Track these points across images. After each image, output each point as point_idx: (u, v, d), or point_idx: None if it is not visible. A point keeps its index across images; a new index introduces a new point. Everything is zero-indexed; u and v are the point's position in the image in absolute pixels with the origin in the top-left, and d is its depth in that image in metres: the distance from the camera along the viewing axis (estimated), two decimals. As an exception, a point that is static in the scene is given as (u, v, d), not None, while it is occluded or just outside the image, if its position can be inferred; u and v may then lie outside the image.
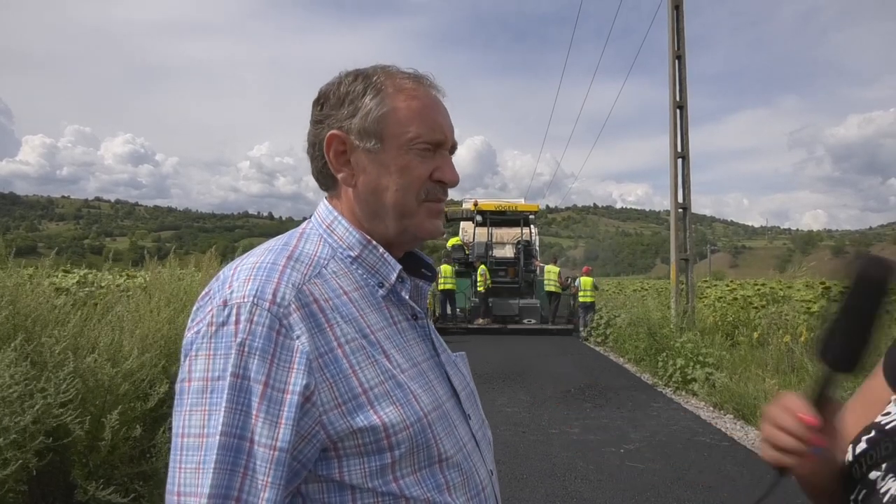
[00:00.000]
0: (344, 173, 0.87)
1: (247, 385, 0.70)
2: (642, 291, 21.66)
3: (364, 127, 0.84)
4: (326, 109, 0.87)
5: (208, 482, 0.68)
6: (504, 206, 18.56)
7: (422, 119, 0.85)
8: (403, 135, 0.84)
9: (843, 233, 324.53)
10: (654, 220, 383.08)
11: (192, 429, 0.70)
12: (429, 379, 0.85)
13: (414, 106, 0.85)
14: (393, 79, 0.86)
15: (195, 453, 0.69)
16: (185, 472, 0.69)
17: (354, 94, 0.86)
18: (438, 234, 0.91)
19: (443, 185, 0.88)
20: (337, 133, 0.85)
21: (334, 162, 0.86)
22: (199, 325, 0.75)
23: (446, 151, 0.89)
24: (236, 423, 0.70)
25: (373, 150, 0.84)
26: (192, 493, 0.68)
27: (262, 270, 0.77)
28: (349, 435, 0.74)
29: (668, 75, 10.74)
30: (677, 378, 8.27)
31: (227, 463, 0.69)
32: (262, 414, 0.70)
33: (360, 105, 0.85)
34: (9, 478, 2.49)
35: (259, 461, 0.69)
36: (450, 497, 0.80)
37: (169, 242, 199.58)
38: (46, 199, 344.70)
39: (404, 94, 0.85)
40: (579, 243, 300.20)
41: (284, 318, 0.73)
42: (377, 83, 0.86)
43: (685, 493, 4.24)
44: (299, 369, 0.72)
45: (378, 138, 0.84)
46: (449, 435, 0.83)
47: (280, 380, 0.71)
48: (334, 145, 0.86)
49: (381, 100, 0.84)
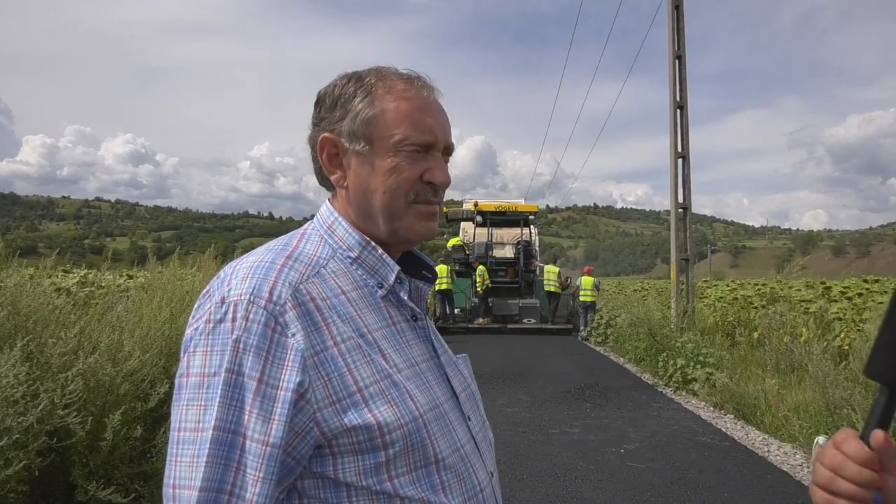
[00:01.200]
0: (336, 175, 0.88)
1: (241, 381, 0.72)
2: (642, 291, 21.68)
3: (353, 129, 0.85)
4: (322, 112, 0.89)
5: (202, 476, 0.69)
6: (504, 206, 18.60)
7: (410, 121, 0.85)
8: (391, 137, 0.84)
9: (844, 233, 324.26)
10: (654, 220, 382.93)
11: (188, 423, 0.72)
12: (426, 379, 0.85)
13: (403, 107, 0.85)
14: (384, 80, 0.87)
15: (190, 447, 0.71)
16: (180, 465, 0.71)
17: (346, 96, 0.87)
18: (431, 236, 0.91)
19: (433, 187, 0.87)
20: (329, 136, 0.87)
21: (327, 164, 0.88)
22: (198, 322, 0.77)
23: (438, 153, 0.88)
24: (230, 419, 0.71)
25: (362, 152, 0.85)
26: (186, 485, 0.70)
27: (261, 269, 0.78)
28: (343, 432, 0.75)
29: (669, 75, 10.74)
30: (678, 378, 8.27)
31: (220, 457, 0.70)
32: (256, 410, 0.71)
33: (349, 108, 0.86)
34: (11, 478, 2.50)
35: (251, 456, 0.70)
36: (445, 498, 0.80)
37: (169, 242, 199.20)
38: (47, 199, 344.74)
39: (393, 95, 0.86)
40: (579, 243, 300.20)
41: (280, 315, 0.74)
42: (368, 85, 0.86)
43: (685, 493, 4.24)
44: (293, 366, 0.73)
45: (367, 140, 0.85)
46: (446, 436, 0.83)
47: (274, 376, 0.72)
48: (327, 148, 0.87)
49: (370, 102, 0.85)
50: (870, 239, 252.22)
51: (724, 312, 11.32)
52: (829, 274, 29.79)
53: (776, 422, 6.00)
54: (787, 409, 6.01)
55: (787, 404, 6.10)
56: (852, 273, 20.64)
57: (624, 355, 11.53)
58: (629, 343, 11.24)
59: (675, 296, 10.71)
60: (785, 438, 5.71)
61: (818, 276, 17.37)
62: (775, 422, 6.02)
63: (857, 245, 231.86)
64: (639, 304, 12.82)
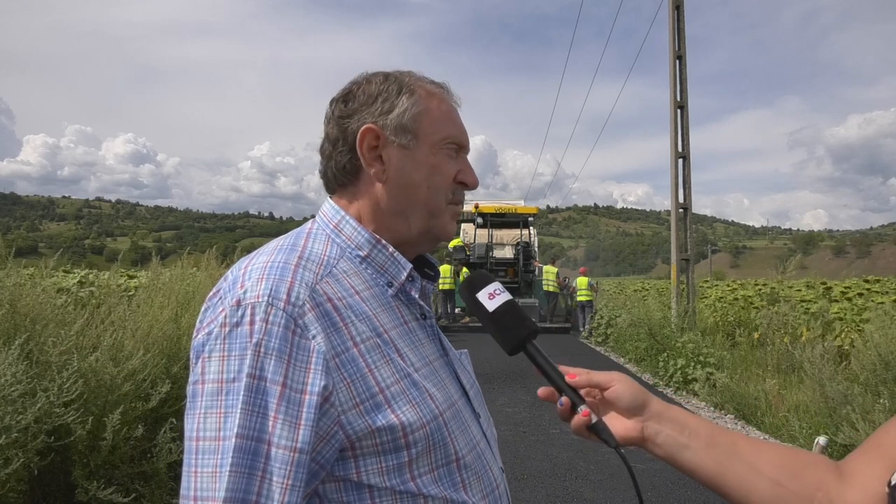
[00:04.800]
0: (375, 168, 0.87)
1: (264, 386, 0.69)
2: (643, 291, 21.66)
3: (401, 123, 0.86)
4: (355, 105, 0.88)
5: (225, 486, 0.66)
6: (504, 208, 18.73)
7: (451, 121, 0.90)
8: (436, 133, 0.87)
9: (844, 233, 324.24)
10: (654, 221, 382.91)
11: (208, 432, 0.69)
12: (441, 377, 0.85)
13: (444, 108, 0.90)
14: (421, 83, 0.90)
15: (211, 457, 0.68)
16: (201, 476, 0.68)
17: (388, 92, 0.88)
18: (451, 238, 0.95)
19: (464, 188, 0.91)
20: (372, 127, 0.85)
21: (367, 155, 0.86)
22: (211, 326, 0.73)
23: (466, 155, 0.92)
24: (253, 426, 0.68)
25: (407, 146, 0.86)
26: (209, 497, 0.67)
27: (275, 270, 0.76)
28: (367, 434, 0.73)
29: (669, 75, 10.73)
30: (678, 378, 8.27)
31: (244, 466, 0.67)
32: (281, 415, 0.69)
33: (396, 103, 0.87)
34: (10, 477, 2.50)
35: (278, 463, 0.68)
36: (466, 495, 0.80)
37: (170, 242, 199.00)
38: (47, 199, 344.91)
39: (435, 97, 0.89)
40: (580, 243, 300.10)
41: (300, 317, 0.72)
42: (409, 84, 0.89)
43: (686, 493, 4.24)
44: (317, 370, 0.71)
45: (413, 135, 0.86)
46: (463, 433, 0.83)
47: (298, 380, 0.70)
48: (368, 139, 0.86)
49: (416, 100, 0.87)
50: (870, 239, 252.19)
51: (725, 312, 11.32)
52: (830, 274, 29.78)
53: (776, 422, 6.00)
54: (788, 409, 6.02)
55: (788, 404, 6.10)
56: (853, 273, 20.63)
57: (624, 355, 11.53)
58: (630, 343, 11.24)
59: (676, 296, 10.70)
60: (785, 438, 5.71)
61: (819, 276, 17.37)
62: (775, 422, 6.02)
63: (857, 245, 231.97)
64: (639, 305, 12.80)
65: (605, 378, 0.84)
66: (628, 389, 0.83)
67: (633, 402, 0.82)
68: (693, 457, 0.80)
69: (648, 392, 0.85)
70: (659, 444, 0.82)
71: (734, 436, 0.83)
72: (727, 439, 0.81)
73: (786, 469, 0.77)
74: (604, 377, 0.84)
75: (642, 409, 0.83)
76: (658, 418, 0.83)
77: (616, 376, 0.84)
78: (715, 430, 0.82)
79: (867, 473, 0.73)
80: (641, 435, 0.82)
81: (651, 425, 0.82)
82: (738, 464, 0.78)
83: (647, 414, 0.83)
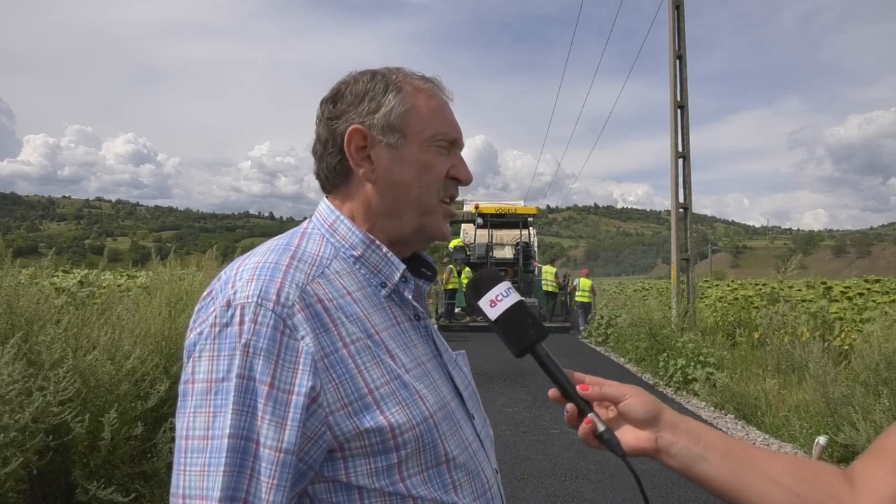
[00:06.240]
0: (364, 168, 0.86)
1: (252, 386, 0.69)
2: (643, 291, 21.67)
3: (388, 122, 0.85)
4: (342, 106, 0.87)
5: (214, 484, 0.67)
6: (504, 208, 18.78)
7: (441, 117, 0.88)
8: (425, 130, 0.86)
9: (844, 233, 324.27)
10: (654, 220, 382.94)
11: (197, 431, 0.69)
12: (433, 379, 0.85)
13: (433, 104, 0.88)
14: (410, 79, 0.88)
15: (200, 455, 0.68)
16: (190, 474, 0.68)
17: (375, 91, 0.86)
18: (445, 238, 0.93)
19: (457, 183, 0.90)
20: (359, 127, 0.85)
21: (355, 156, 0.86)
22: (202, 326, 0.74)
23: (458, 151, 0.91)
24: (242, 425, 0.69)
25: (395, 145, 0.85)
26: (198, 495, 0.67)
27: (266, 270, 0.76)
28: (356, 436, 0.73)
29: (669, 75, 10.72)
30: (678, 378, 8.27)
31: (233, 465, 0.68)
32: (268, 415, 0.69)
33: (382, 101, 0.86)
34: (9, 476, 2.50)
35: (265, 463, 0.69)
36: (456, 496, 0.80)
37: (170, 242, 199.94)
38: (47, 199, 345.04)
39: (423, 93, 0.88)
40: (580, 243, 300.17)
41: (289, 318, 0.72)
42: (396, 82, 0.87)
43: (686, 493, 4.24)
44: (304, 370, 0.71)
45: (401, 133, 0.85)
46: (455, 434, 0.83)
47: (285, 381, 0.70)
48: (355, 140, 0.85)
49: (402, 97, 0.86)
50: (870, 239, 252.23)
51: (725, 312, 11.31)
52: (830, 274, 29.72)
53: (776, 422, 6.00)
54: (788, 409, 6.01)
55: (788, 404, 6.10)
56: (853, 273, 20.60)
57: (624, 355, 11.52)
58: (630, 343, 11.23)
59: (676, 296, 10.69)
60: (785, 438, 5.71)
61: (819, 276, 17.39)
62: (776, 422, 6.01)
63: (857, 245, 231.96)
64: (639, 304, 12.79)
65: (617, 392, 0.83)
66: (642, 402, 0.82)
67: (647, 415, 0.82)
68: (709, 468, 0.80)
69: (662, 403, 0.84)
70: (673, 455, 0.81)
71: (747, 446, 0.83)
72: (742, 450, 0.81)
73: (800, 478, 0.78)
74: (616, 391, 0.84)
75: (656, 421, 0.82)
76: (672, 429, 0.82)
77: (629, 389, 0.84)
78: (729, 442, 0.82)
79: (876, 478, 0.74)
80: (655, 446, 0.82)
81: (665, 436, 0.82)
82: (755, 474, 0.79)
83: (661, 425, 0.82)
